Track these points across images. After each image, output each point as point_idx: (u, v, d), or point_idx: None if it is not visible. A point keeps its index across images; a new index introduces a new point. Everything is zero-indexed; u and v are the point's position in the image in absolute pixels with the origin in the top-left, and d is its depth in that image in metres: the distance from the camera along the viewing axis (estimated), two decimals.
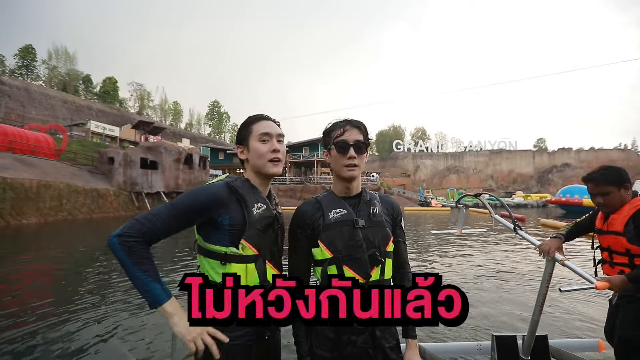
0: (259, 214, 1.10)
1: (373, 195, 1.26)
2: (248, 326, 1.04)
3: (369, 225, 1.17)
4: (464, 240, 10.15)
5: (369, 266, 1.13)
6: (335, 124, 1.22)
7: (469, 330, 3.43)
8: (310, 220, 1.18)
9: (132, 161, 24.16)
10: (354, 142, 1.16)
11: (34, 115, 39.65)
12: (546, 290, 1.67)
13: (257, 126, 1.16)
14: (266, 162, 1.14)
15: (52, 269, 6.84)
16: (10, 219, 14.57)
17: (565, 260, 1.53)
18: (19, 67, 54.76)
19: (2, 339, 3.28)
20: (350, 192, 1.22)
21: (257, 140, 1.14)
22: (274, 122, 1.20)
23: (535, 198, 41.07)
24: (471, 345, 2.06)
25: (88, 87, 63.07)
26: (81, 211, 18.82)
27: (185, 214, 1.03)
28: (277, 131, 1.17)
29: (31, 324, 3.72)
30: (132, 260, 0.95)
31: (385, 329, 1.14)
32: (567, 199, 25.33)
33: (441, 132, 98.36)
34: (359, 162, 1.17)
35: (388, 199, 1.31)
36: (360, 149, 1.17)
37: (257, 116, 1.20)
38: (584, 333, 3.28)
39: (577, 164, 63.66)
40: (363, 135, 1.19)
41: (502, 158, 70.07)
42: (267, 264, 1.12)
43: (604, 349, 1.95)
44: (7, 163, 17.23)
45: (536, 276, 5.79)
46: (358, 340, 1.10)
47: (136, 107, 71.97)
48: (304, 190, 34.71)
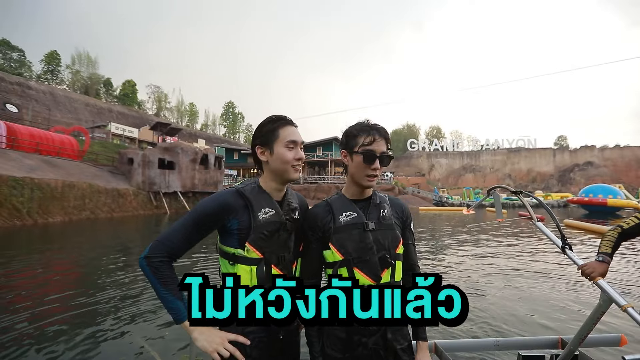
0: (265, 219, 1.13)
1: (383, 198, 1.28)
2: (251, 325, 1.07)
3: (378, 228, 1.18)
4: (478, 238, 9.98)
5: (379, 268, 1.15)
6: (362, 128, 1.20)
7: (486, 329, 3.42)
8: (322, 223, 1.20)
9: (150, 162, 24.86)
10: (381, 154, 1.17)
11: (59, 118, 41.33)
12: (593, 326, 1.51)
13: (285, 132, 1.17)
14: (289, 168, 1.17)
15: (79, 264, 7.16)
16: (37, 217, 15.28)
17: (628, 307, 1.27)
18: (44, 72, 57.20)
19: (38, 323, 3.49)
20: (362, 195, 1.25)
21: (284, 146, 1.16)
22: (296, 127, 1.22)
23: (555, 198, 39.77)
24: (488, 342, 2.04)
25: (109, 90, 65.24)
26: (103, 210, 19.52)
27: (200, 225, 1.11)
28: (301, 139, 1.20)
29: (57, 311, 3.93)
30: (158, 279, 1.03)
31: (396, 330, 1.15)
32: (591, 198, 24.45)
33: (457, 131, 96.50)
34: (379, 173, 1.20)
35: (397, 201, 1.32)
36: (384, 161, 1.18)
37: (284, 120, 1.19)
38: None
39: (601, 162, 61.10)
40: (387, 147, 1.20)
41: (521, 156, 68.02)
42: (274, 267, 1.14)
43: (625, 343, 1.90)
44: (34, 164, 18.06)
45: (553, 273, 5.66)
46: (369, 342, 1.11)
47: (154, 109, 73.94)
48: (318, 189, 34.81)
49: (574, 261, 1.56)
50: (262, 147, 1.19)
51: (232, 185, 1.19)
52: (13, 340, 3.27)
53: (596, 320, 1.48)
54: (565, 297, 4.64)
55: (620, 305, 1.30)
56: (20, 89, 39.90)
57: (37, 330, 3.51)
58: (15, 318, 3.84)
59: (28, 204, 15.14)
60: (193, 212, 1.11)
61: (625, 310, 1.27)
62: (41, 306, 4.32)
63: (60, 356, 2.96)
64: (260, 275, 1.11)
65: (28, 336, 3.36)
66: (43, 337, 3.36)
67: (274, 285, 0.99)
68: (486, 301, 4.43)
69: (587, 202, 24.64)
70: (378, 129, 1.19)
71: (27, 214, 14.87)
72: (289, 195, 1.27)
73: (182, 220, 1.11)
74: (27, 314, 3.99)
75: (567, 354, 1.66)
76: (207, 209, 1.10)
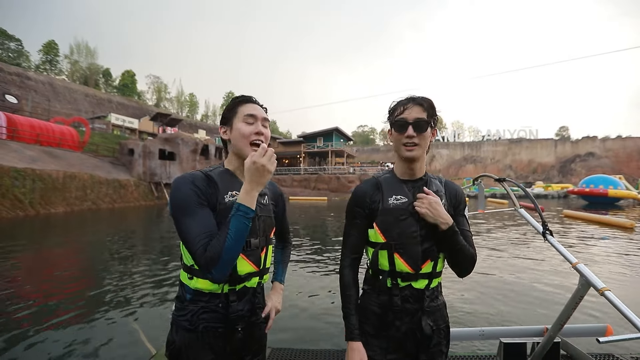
0: (230, 202, 1.06)
1: (435, 182, 1.19)
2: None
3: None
4: (481, 224, 10.04)
5: (420, 259, 1.11)
6: (398, 102, 1.16)
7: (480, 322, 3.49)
8: (370, 201, 1.16)
9: (150, 152, 24.86)
10: (414, 121, 1.09)
11: (59, 109, 41.13)
12: (572, 312, 1.54)
13: (243, 108, 1.13)
14: (247, 145, 1.10)
15: (83, 254, 7.25)
16: (40, 208, 15.39)
17: (605, 291, 1.27)
18: (43, 62, 56.65)
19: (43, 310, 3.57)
20: (413, 174, 1.17)
21: (241, 121, 1.11)
22: (261, 106, 1.17)
23: (556, 188, 39.71)
24: (473, 331, 2.06)
25: (108, 80, 64.69)
26: (104, 201, 19.63)
27: (194, 208, 1.00)
28: (262, 114, 1.14)
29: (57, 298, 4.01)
30: (236, 239, 0.96)
31: (432, 313, 1.14)
32: (591, 189, 24.41)
33: (458, 121, 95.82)
34: (419, 141, 1.10)
35: (451, 185, 1.22)
36: (421, 127, 1.09)
37: (244, 98, 1.16)
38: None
39: (603, 153, 60.80)
40: (427, 113, 1.11)
41: (522, 147, 67.67)
42: (240, 255, 1.06)
43: (611, 334, 1.93)
44: (35, 155, 18.09)
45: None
46: (402, 325, 1.11)
47: (154, 99, 73.45)
48: (318, 180, 34.81)
49: (553, 246, 1.58)
50: (225, 126, 1.15)
51: (199, 170, 1.12)
52: (16, 321, 3.36)
53: (575, 305, 1.48)
54: (551, 285, 4.70)
55: (597, 289, 1.30)
56: (19, 79, 39.58)
57: (35, 319, 3.60)
58: (17, 304, 3.93)
59: (30, 195, 15.24)
60: (176, 207, 1.01)
61: (602, 293, 1.26)
62: (42, 294, 4.40)
63: (58, 335, 3.06)
64: None
65: (28, 323, 3.46)
66: (40, 323, 3.46)
67: (235, 274, 1.05)
68: (473, 291, 4.48)
69: (588, 192, 24.61)
70: (413, 98, 1.13)
71: (29, 204, 14.97)
72: None
73: (183, 219, 0.99)
74: (27, 302, 4.08)
75: (547, 340, 1.66)
76: (183, 195, 1.00)
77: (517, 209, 1.93)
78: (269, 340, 1.27)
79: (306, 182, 35.34)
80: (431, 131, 1.14)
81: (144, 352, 2.80)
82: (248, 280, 1.11)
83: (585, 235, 9.17)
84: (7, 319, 3.55)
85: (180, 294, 1.11)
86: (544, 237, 1.61)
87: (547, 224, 1.60)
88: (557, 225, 11.63)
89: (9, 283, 4.92)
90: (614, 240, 8.47)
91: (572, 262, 1.45)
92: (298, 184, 35.46)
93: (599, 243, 7.99)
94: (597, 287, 1.30)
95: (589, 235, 9.16)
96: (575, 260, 1.45)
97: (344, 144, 45.55)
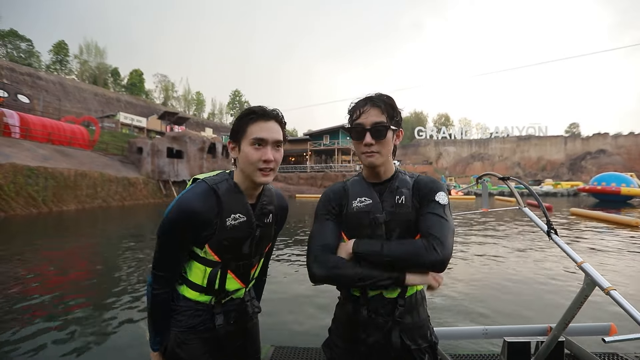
0: (231, 226, 1.02)
1: (404, 182, 1.07)
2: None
3: (391, 218, 1.02)
4: (471, 228, 9.99)
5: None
6: (356, 103, 1.05)
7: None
8: (336, 204, 1.09)
9: (159, 151, 25.16)
10: (371, 126, 0.99)
11: (69, 108, 41.84)
12: (577, 311, 1.50)
13: (253, 127, 0.99)
14: (255, 171, 1.00)
15: (95, 250, 7.43)
16: (52, 205, 15.73)
17: (611, 290, 1.22)
18: (53, 62, 57.59)
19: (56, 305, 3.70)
20: (379, 177, 1.08)
21: (249, 144, 0.99)
22: (276, 120, 1.03)
23: (565, 186, 39.10)
24: (476, 330, 2.06)
25: (116, 79, 65.49)
26: (114, 198, 19.96)
27: (175, 243, 1.01)
28: (274, 137, 1.00)
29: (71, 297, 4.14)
30: (154, 312, 1.05)
31: (408, 330, 1.02)
32: (603, 187, 23.97)
33: (465, 118, 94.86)
34: (379, 148, 1.00)
35: (423, 180, 1.08)
36: (379, 133, 0.99)
37: (255, 114, 1.01)
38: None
39: (614, 150, 59.60)
40: (386, 114, 1.00)
41: (531, 144, 66.68)
42: (229, 273, 1.06)
43: (615, 332, 1.92)
44: (47, 154, 18.46)
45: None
46: (369, 339, 1.01)
47: (161, 98, 74.16)
48: (325, 178, 34.84)
49: (558, 245, 1.54)
50: (233, 142, 1.05)
51: (205, 179, 1.04)
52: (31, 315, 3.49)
53: (580, 304, 1.46)
54: (555, 284, 4.68)
55: (603, 288, 1.26)
56: (31, 79, 40.34)
57: (40, 314, 3.73)
58: (29, 298, 4.07)
59: (43, 193, 15.58)
60: (163, 233, 1.01)
61: (607, 293, 1.23)
62: (54, 289, 4.55)
63: (71, 330, 3.17)
64: (211, 278, 1.05)
65: (32, 319, 3.59)
66: (55, 316, 3.58)
67: (222, 290, 1.07)
68: (476, 290, 4.48)
69: (600, 190, 24.16)
70: (370, 98, 1.02)
71: (42, 202, 15.32)
72: (266, 195, 1.13)
73: (159, 246, 1.02)
74: (34, 298, 4.22)
75: (551, 339, 1.65)
76: (173, 226, 0.99)
77: (522, 208, 1.90)
78: (271, 339, 1.30)
79: (312, 180, 35.40)
80: (394, 134, 1.04)
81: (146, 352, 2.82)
82: (234, 294, 1.12)
83: (592, 234, 9.06)
84: (14, 316, 3.67)
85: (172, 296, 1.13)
86: (549, 236, 1.57)
87: (551, 222, 1.56)
88: (564, 223, 11.51)
89: (17, 280, 5.08)
90: (620, 238, 8.36)
91: (577, 261, 1.41)
92: (304, 181, 35.52)
93: (605, 242, 7.89)
94: (603, 287, 1.26)
95: (595, 234, 9.05)
96: (580, 259, 1.41)
97: (351, 142, 45.46)
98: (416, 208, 1.03)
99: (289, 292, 4.41)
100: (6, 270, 5.40)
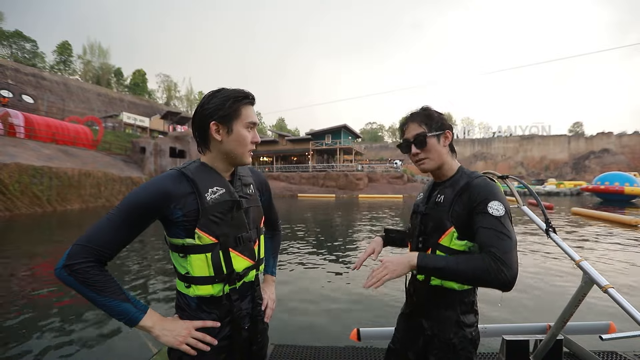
0: (213, 199, 1.00)
1: (459, 183, 1.13)
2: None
3: (427, 213, 1.19)
4: None
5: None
6: (400, 123, 1.23)
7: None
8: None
9: (162, 150, 25.31)
10: (414, 139, 1.16)
11: (73, 108, 42.11)
12: (575, 309, 1.53)
13: (247, 111, 1.03)
14: (247, 152, 1.06)
15: None
16: (56, 205, 15.87)
17: (609, 288, 1.24)
18: (57, 62, 57.97)
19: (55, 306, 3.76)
20: (439, 178, 1.22)
21: (244, 126, 1.03)
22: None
23: (569, 186, 38.90)
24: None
25: (119, 79, 65.83)
26: (118, 198, 20.08)
27: (131, 220, 0.92)
28: (257, 120, 1.08)
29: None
30: (90, 287, 0.86)
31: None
32: (607, 186, 23.83)
33: (468, 118, 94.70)
34: (426, 155, 1.15)
35: (472, 184, 1.08)
36: (421, 143, 1.14)
37: (247, 98, 1.04)
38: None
39: (618, 150, 59.22)
40: (425, 125, 1.14)
41: (534, 144, 66.39)
42: (232, 251, 1.03)
43: (614, 331, 1.93)
44: (52, 154, 18.61)
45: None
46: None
47: (164, 98, 74.41)
48: (327, 177, 34.84)
49: (557, 243, 1.54)
50: (220, 124, 1.01)
51: (173, 167, 1.04)
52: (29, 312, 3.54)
53: (578, 302, 1.48)
54: (554, 282, 4.69)
55: (601, 286, 1.27)
56: (35, 79, 40.65)
57: (36, 315, 3.79)
58: (29, 297, 4.13)
59: (47, 192, 15.71)
60: (123, 204, 0.92)
61: (605, 290, 1.24)
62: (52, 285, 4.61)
63: (70, 330, 3.22)
64: (216, 262, 1.00)
65: (28, 319, 3.64)
66: (42, 319, 3.64)
67: (232, 272, 1.01)
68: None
69: (603, 190, 24.03)
70: (410, 114, 1.20)
71: (46, 201, 15.45)
72: (239, 170, 1.14)
73: (108, 214, 0.91)
74: (29, 299, 4.28)
75: (550, 337, 1.66)
76: (140, 199, 0.92)
77: (521, 207, 1.89)
78: (271, 337, 1.29)
79: (314, 180, 35.40)
80: (440, 136, 1.14)
81: (144, 351, 2.76)
82: (246, 276, 1.08)
83: (591, 233, 9.04)
84: (5, 317, 3.71)
85: (181, 303, 1.05)
86: (547, 234, 1.58)
87: (550, 221, 1.57)
88: (564, 222, 11.48)
89: (10, 277, 5.15)
90: (618, 237, 8.35)
91: (576, 260, 1.42)
92: (306, 181, 35.53)
93: (604, 241, 7.88)
94: (601, 285, 1.28)
95: (595, 233, 9.03)
96: (579, 257, 1.42)
97: (353, 141, 45.40)
98: (458, 210, 1.08)
99: (289, 291, 4.45)
100: (5, 270, 5.48)
